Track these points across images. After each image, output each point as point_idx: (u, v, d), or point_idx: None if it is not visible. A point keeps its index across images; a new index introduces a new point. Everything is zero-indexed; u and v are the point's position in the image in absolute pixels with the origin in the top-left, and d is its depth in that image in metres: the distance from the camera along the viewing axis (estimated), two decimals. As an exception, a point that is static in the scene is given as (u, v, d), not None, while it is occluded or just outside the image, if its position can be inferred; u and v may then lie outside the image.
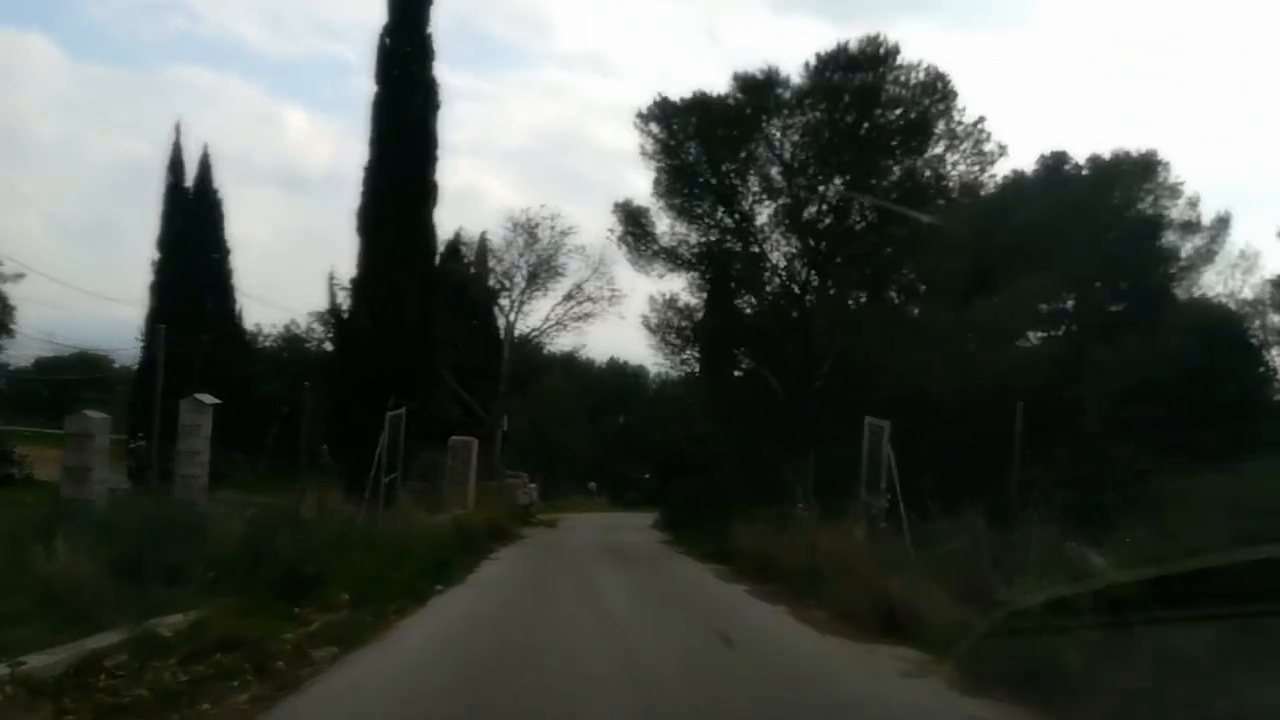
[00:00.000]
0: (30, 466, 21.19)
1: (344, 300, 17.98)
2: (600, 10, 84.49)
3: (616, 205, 20.61)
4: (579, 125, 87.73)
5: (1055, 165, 31.90)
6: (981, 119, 17.71)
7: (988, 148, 17.80)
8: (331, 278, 18.24)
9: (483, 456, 31.10)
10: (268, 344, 36.81)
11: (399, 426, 15.14)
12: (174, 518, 9.73)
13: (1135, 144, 37.59)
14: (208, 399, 16.96)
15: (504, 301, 33.82)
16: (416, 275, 17.53)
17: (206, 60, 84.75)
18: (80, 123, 78.67)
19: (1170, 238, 31.39)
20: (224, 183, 23.66)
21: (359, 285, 17.39)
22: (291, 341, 35.19)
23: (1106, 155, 31.47)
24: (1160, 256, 31.13)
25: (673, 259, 20.23)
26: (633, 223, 20.37)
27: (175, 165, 23.65)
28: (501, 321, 34.09)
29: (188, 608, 7.47)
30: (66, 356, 40.73)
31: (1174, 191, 31.44)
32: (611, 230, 20.27)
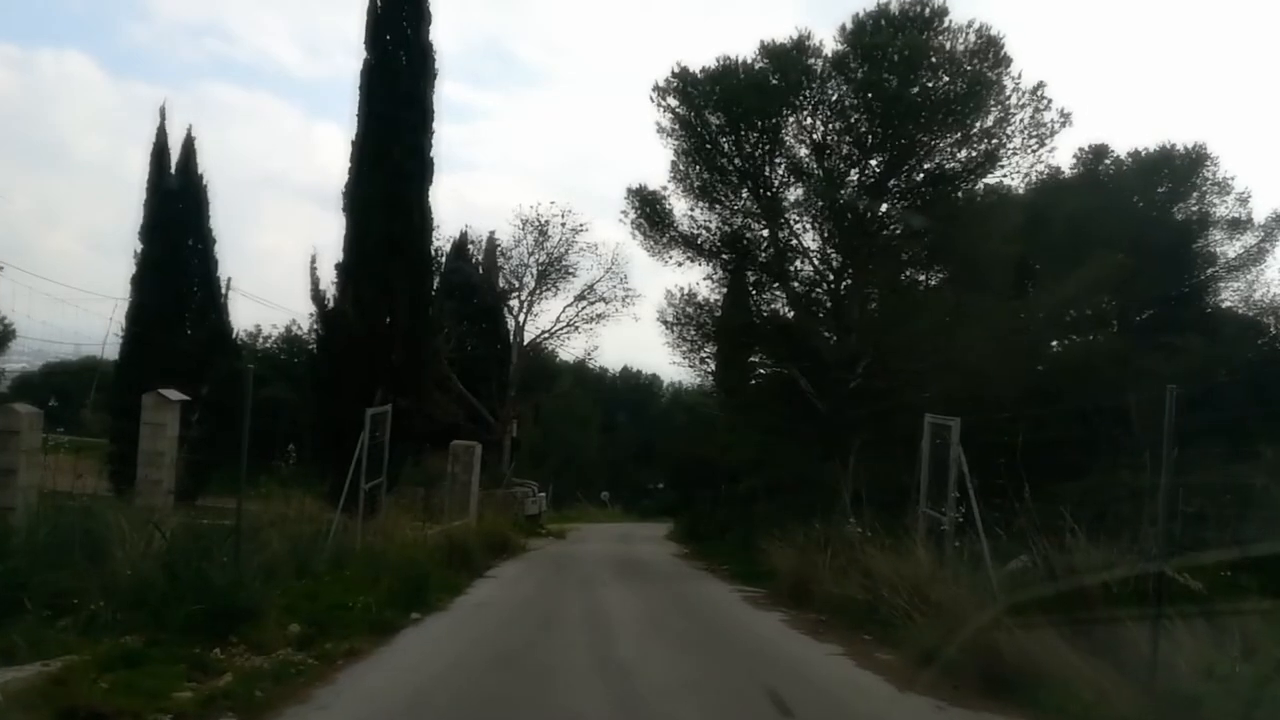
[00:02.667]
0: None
1: (330, 289, 16.14)
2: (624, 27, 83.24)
3: (630, 190, 18.80)
4: (603, 144, 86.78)
5: (1095, 160, 30.02)
6: (1041, 85, 15.73)
7: (1047, 117, 15.80)
8: (313, 261, 16.46)
9: (491, 463, 29.45)
10: (269, 345, 35.38)
11: (384, 426, 13.32)
12: (79, 533, 7.89)
13: (1183, 137, 35.26)
14: (174, 394, 15.28)
15: (513, 302, 32.21)
16: (410, 259, 15.73)
17: (240, 79, 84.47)
18: (117, 138, 78.79)
19: (1217, 236, 29.38)
20: (208, 169, 21.90)
21: (345, 270, 15.62)
22: (292, 343, 33.67)
23: (1151, 148, 29.52)
24: (1207, 256, 29.19)
25: (691, 246, 18.33)
26: (648, 207, 18.52)
27: (159, 151, 22.04)
28: (510, 324, 32.47)
29: (61, 653, 5.65)
30: (74, 361, 39.64)
31: (1223, 188, 29.40)
32: (625, 214, 18.43)
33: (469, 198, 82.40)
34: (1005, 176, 16.51)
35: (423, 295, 16.45)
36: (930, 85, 15.67)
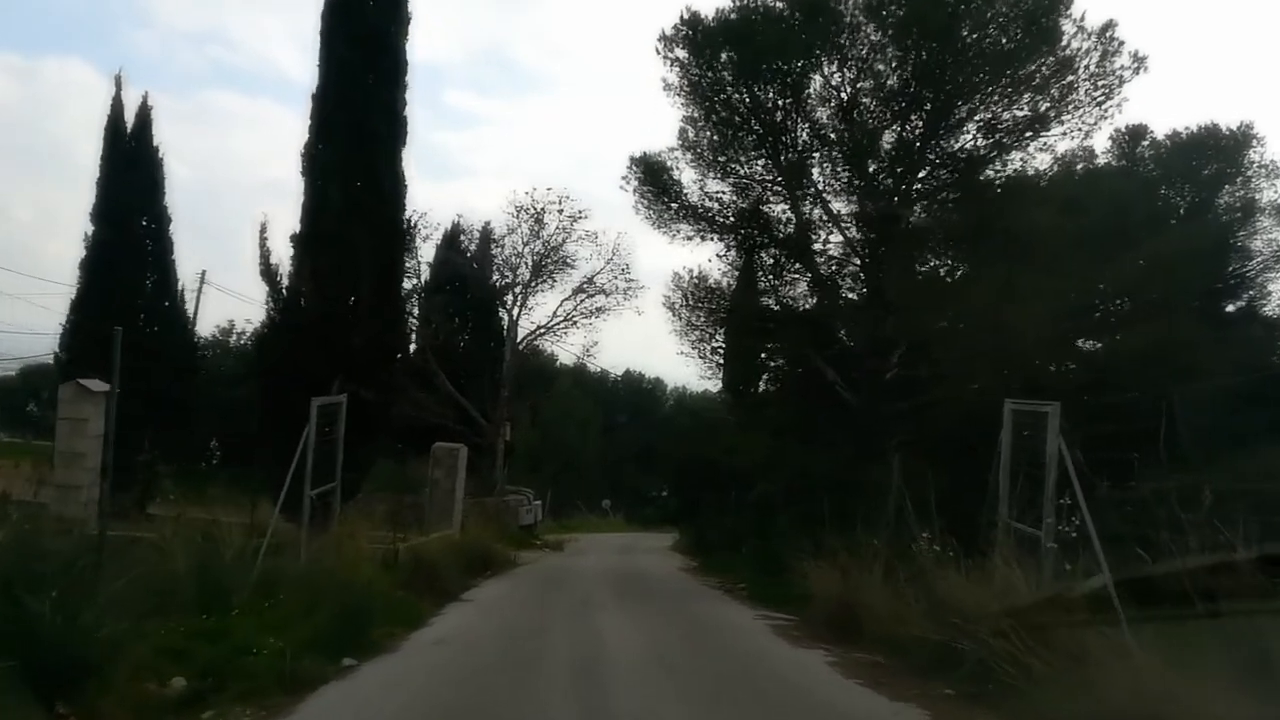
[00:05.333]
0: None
1: (287, 264, 13.95)
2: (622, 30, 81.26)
3: (633, 159, 16.63)
4: (605, 146, 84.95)
5: (1132, 142, 27.89)
6: (1111, 24, 13.50)
7: (1117, 63, 13.58)
8: (263, 231, 14.27)
9: (483, 469, 27.24)
10: (243, 342, 33.22)
11: (338, 420, 11.15)
12: None
13: (1227, 118, 32.58)
14: (97, 384, 13.13)
15: (507, 297, 30.00)
16: (377, 230, 13.54)
17: (242, 86, 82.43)
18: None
19: (1265, 223, 27.17)
20: (164, 140, 19.75)
21: (302, 242, 13.47)
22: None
23: (1194, 128, 27.32)
24: (1255, 244, 27.02)
25: (701, 219, 16.15)
26: (652, 178, 16.38)
27: (114, 124, 19.92)
28: (504, 319, 30.25)
29: None
30: (49, 363, 37.67)
31: (1272, 171, 27.18)
32: (626, 180, 16.25)
33: (471, 203, 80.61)
34: (1066, 135, 14.30)
35: (392, 272, 14.28)
36: (978, 26, 13.50)
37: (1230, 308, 25.96)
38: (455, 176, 77.78)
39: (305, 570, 9.48)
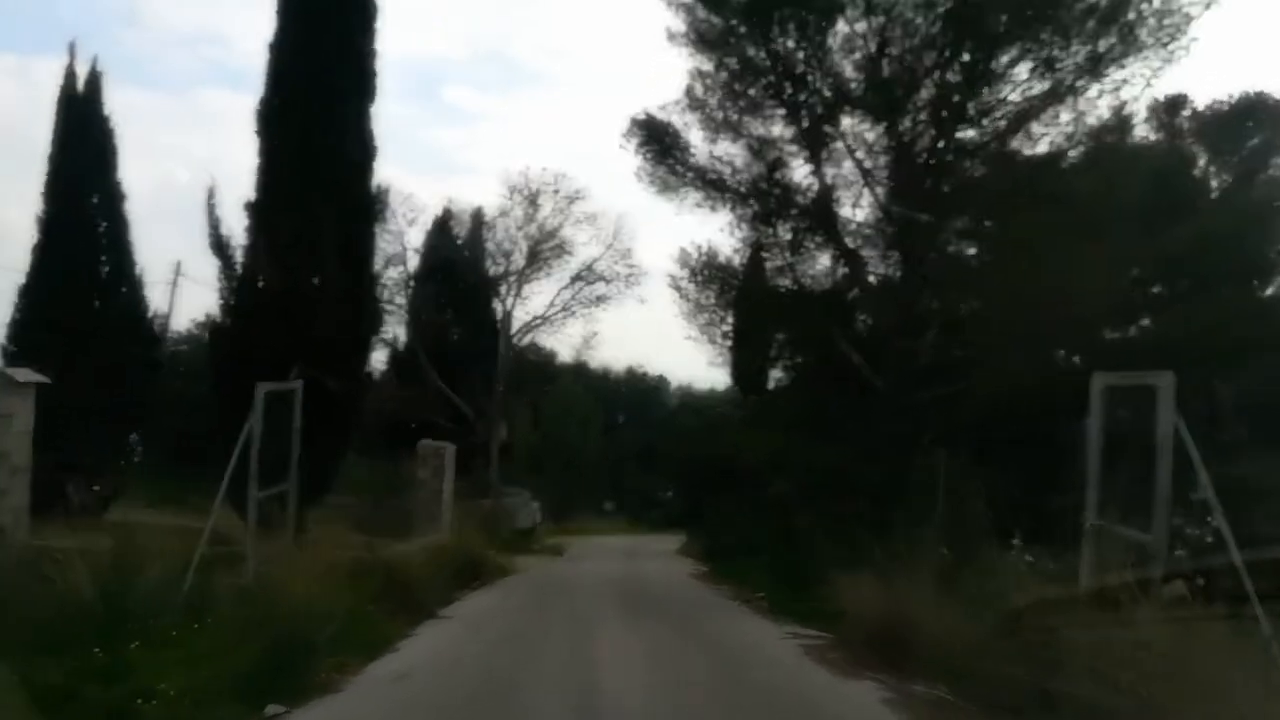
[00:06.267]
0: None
1: (241, 236, 12.34)
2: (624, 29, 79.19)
3: (634, 121, 15.02)
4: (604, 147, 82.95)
5: (1170, 112, 26.30)
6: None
7: (1184, -1, 11.94)
8: (211, 197, 12.67)
9: (478, 469, 25.70)
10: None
11: (292, 409, 9.59)
12: None
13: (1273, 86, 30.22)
14: (25, 375, 11.58)
15: (501, 286, 28.42)
16: (343, 198, 11.96)
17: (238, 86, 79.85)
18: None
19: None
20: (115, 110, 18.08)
21: (256, 210, 11.90)
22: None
23: (1235, 97, 25.73)
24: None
25: (711, 185, 14.55)
26: (655, 140, 14.79)
27: (68, 96, 18.30)
28: (498, 310, 28.68)
29: None
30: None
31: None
32: (626, 139, 14.61)
33: (471, 200, 78.66)
34: (1128, 81, 12.62)
35: (361, 246, 12.70)
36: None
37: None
38: (454, 173, 76.24)
39: (249, 586, 7.95)
